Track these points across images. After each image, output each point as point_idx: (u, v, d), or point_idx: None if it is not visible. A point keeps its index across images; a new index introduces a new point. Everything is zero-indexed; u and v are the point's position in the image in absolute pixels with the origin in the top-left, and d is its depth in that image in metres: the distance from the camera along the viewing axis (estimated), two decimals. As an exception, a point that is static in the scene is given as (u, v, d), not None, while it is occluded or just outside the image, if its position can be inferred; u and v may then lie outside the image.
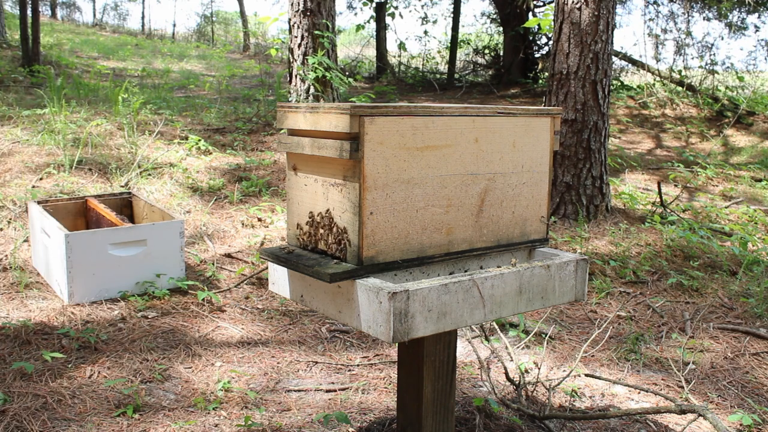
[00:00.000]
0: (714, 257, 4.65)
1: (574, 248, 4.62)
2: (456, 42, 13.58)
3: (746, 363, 3.20)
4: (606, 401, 2.81)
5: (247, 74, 11.74)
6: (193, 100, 9.02)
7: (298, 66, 7.43)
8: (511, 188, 1.86)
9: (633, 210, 5.76)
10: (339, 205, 1.61)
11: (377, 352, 3.18)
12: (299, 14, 7.38)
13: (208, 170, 5.89)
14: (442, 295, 1.53)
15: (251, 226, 4.84)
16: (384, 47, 14.39)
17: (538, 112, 1.89)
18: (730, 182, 7.43)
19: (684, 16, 12.53)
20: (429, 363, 1.88)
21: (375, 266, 1.59)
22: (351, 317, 1.57)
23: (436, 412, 1.93)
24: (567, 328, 3.58)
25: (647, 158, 8.35)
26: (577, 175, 5.36)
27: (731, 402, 2.83)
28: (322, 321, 3.49)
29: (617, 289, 4.12)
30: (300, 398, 2.70)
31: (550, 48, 5.83)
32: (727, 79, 11.94)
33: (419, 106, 1.64)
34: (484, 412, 2.53)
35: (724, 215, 6.03)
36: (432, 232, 1.71)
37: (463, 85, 12.66)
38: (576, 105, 5.31)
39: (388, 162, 1.58)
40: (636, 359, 3.20)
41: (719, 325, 3.65)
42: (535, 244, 1.96)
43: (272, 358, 3.05)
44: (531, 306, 1.75)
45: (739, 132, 9.84)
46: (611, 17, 5.30)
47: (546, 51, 12.83)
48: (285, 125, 1.72)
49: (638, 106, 10.64)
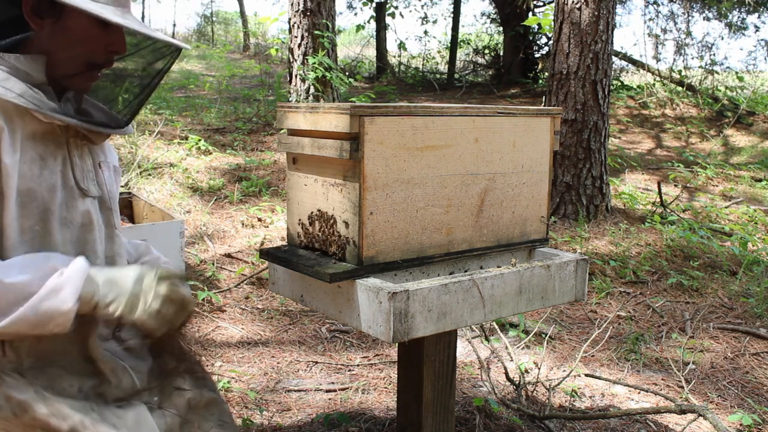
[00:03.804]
0: (714, 257, 4.65)
1: (574, 248, 4.62)
2: (456, 42, 13.57)
3: (746, 363, 3.20)
4: (606, 401, 2.81)
5: (247, 74, 11.73)
6: (193, 100, 9.02)
7: (298, 66, 7.43)
8: (511, 188, 1.86)
9: (633, 210, 5.76)
10: (339, 205, 1.61)
11: (377, 352, 3.18)
12: (299, 14, 7.38)
13: (208, 170, 5.89)
14: (442, 295, 1.53)
15: (251, 226, 4.84)
16: (384, 47, 14.39)
17: (538, 112, 1.89)
18: (730, 182, 7.42)
19: (684, 16, 12.53)
20: (429, 363, 1.88)
21: (375, 266, 1.59)
22: (351, 317, 1.57)
23: (436, 412, 1.93)
24: (567, 328, 3.58)
25: (647, 158, 8.35)
26: (577, 175, 5.36)
27: (731, 402, 2.83)
28: (322, 321, 3.49)
29: (617, 289, 4.12)
30: (300, 398, 2.70)
31: (550, 48, 5.83)
32: (727, 79, 11.93)
33: (419, 106, 1.64)
34: (484, 412, 2.53)
35: (724, 215, 6.03)
36: (432, 232, 1.71)
37: (463, 85, 12.66)
38: (576, 105, 5.31)
39: (388, 162, 1.58)
40: (636, 359, 3.20)
41: (719, 325, 3.65)
42: (535, 244, 1.96)
43: (272, 358, 3.05)
44: (531, 306, 1.75)
45: (739, 132, 9.84)
46: (611, 17, 5.30)
47: (546, 51, 12.82)
48: (285, 125, 1.72)
49: (638, 106, 10.63)
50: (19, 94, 1.21)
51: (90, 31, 1.29)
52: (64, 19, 1.27)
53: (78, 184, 1.34)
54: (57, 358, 1.29)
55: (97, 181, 1.40)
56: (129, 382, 1.35)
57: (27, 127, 1.25)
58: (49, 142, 1.29)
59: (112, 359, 1.34)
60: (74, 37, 1.29)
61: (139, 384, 1.37)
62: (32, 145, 1.25)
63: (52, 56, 1.28)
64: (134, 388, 1.35)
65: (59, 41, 1.28)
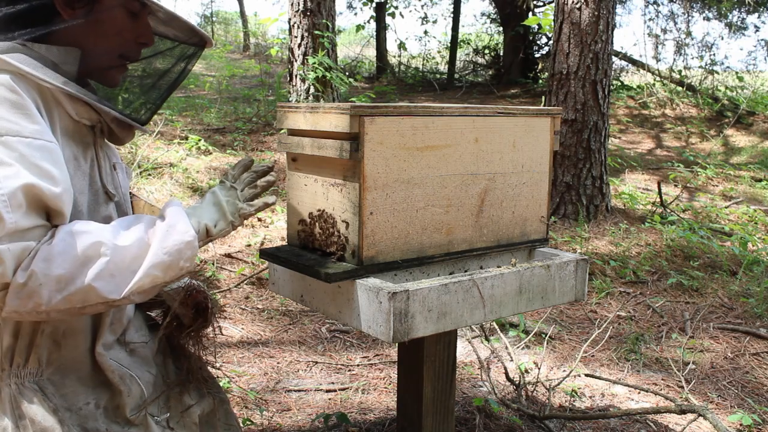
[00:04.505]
0: (714, 257, 4.65)
1: (574, 248, 4.62)
2: (456, 42, 13.57)
3: (746, 363, 3.20)
4: (606, 401, 2.81)
5: (247, 74, 11.73)
6: (193, 100, 9.02)
7: (299, 66, 7.43)
8: (511, 188, 1.86)
9: (633, 210, 5.76)
10: (339, 205, 1.61)
11: (377, 352, 3.18)
12: (299, 14, 7.38)
13: (208, 170, 5.89)
14: (442, 295, 1.53)
15: (251, 226, 4.84)
16: (384, 47, 14.39)
17: (538, 112, 1.88)
18: (730, 182, 7.42)
19: (684, 16, 12.53)
20: (429, 363, 1.88)
21: (375, 266, 1.59)
22: (351, 317, 1.57)
23: (436, 412, 1.93)
24: (567, 328, 3.58)
25: (647, 158, 8.35)
26: (577, 175, 5.35)
27: (731, 402, 2.82)
28: (322, 321, 3.49)
29: (617, 289, 4.12)
30: (300, 398, 2.70)
31: (550, 48, 5.83)
32: (727, 79, 11.93)
33: (419, 106, 1.64)
34: (484, 412, 2.53)
35: (724, 215, 6.03)
36: (432, 232, 1.70)
37: (463, 85, 12.66)
38: (576, 105, 5.31)
39: (388, 162, 1.58)
40: (636, 359, 3.20)
41: (719, 325, 3.65)
42: (535, 244, 1.96)
43: (272, 358, 3.05)
44: (531, 306, 1.75)
45: (739, 132, 9.84)
46: (611, 17, 5.30)
47: (546, 51, 12.82)
48: (285, 125, 1.72)
49: (638, 106, 10.63)
50: (62, 84, 1.17)
51: (123, 22, 1.26)
52: (96, 11, 1.23)
53: (105, 187, 1.31)
54: (72, 367, 1.28)
55: (114, 183, 1.36)
56: (138, 390, 1.34)
57: (61, 123, 1.21)
58: (78, 141, 1.25)
59: (119, 368, 1.33)
60: (107, 28, 1.25)
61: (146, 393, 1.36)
62: (66, 142, 1.21)
63: (86, 48, 1.24)
64: (142, 397, 1.35)
65: (93, 33, 1.24)
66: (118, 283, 1.09)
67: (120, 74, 1.33)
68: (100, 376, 1.31)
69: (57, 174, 1.09)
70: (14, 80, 1.10)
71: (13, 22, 1.17)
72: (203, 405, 1.48)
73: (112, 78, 1.32)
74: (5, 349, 1.22)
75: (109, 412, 1.30)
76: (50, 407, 1.23)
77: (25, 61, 1.14)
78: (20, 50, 1.15)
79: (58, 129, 1.19)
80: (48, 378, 1.25)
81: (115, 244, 1.09)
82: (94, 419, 1.28)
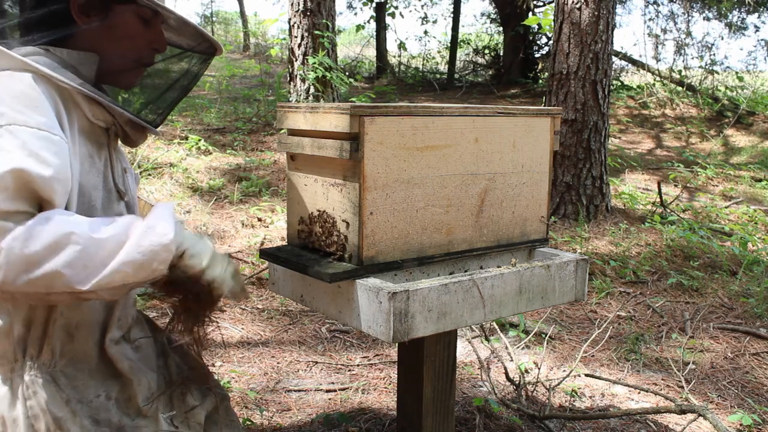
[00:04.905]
0: (714, 257, 4.65)
1: (574, 248, 4.62)
2: (456, 42, 13.57)
3: (746, 363, 3.20)
4: (606, 401, 2.81)
5: (247, 74, 11.73)
6: (193, 100, 9.02)
7: (299, 66, 7.43)
8: (511, 188, 1.86)
9: (633, 210, 5.76)
10: (339, 205, 1.61)
11: (377, 352, 3.18)
12: (299, 14, 7.38)
13: (208, 170, 5.89)
14: (442, 295, 1.53)
15: (251, 226, 4.84)
16: (384, 47, 14.39)
17: (538, 112, 1.89)
18: (730, 182, 7.42)
19: (684, 16, 12.53)
20: (429, 363, 1.88)
21: (375, 266, 1.59)
22: (351, 317, 1.57)
23: (436, 412, 1.93)
24: (567, 328, 3.58)
25: (647, 158, 8.35)
26: (577, 175, 5.35)
27: (731, 402, 2.82)
28: (322, 321, 3.49)
29: (617, 289, 4.12)
30: (300, 398, 2.70)
31: (550, 48, 5.83)
32: (727, 79, 11.93)
33: (419, 106, 1.64)
34: (484, 412, 2.53)
35: (724, 215, 6.03)
36: (432, 232, 1.70)
37: (463, 85, 12.66)
38: (576, 105, 5.31)
39: (388, 162, 1.58)
40: (636, 359, 3.20)
41: (719, 325, 3.65)
42: (535, 244, 1.96)
43: (272, 358, 3.05)
44: (531, 306, 1.75)
45: (739, 132, 9.84)
46: (611, 17, 5.30)
47: (546, 51, 12.82)
48: (285, 125, 1.72)
49: (638, 106, 10.63)
50: (79, 85, 1.23)
51: (135, 28, 1.33)
52: (111, 17, 1.30)
53: (117, 186, 1.36)
54: (83, 360, 1.30)
55: (124, 185, 1.41)
56: (146, 381, 1.37)
57: (79, 123, 1.26)
58: (93, 142, 1.30)
59: (128, 359, 1.36)
60: (121, 34, 1.31)
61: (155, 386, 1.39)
62: (82, 141, 1.26)
63: (102, 53, 1.31)
64: (150, 389, 1.37)
65: (107, 39, 1.31)
66: (87, 274, 1.08)
67: (136, 77, 1.39)
68: (109, 368, 1.33)
69: (54, 163, 1.10)
70: (35, 80, 1.16)
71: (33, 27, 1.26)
72: (207, 405, 1.49)
73: (128, 80, 1.38)
74: (17, 339, 1.24)
75: (120, 403, 1.33)
76: (63, 398, 1.25)
77: (45, 63, 1.21)
78: (42, 54, 1.23)
79: (75, 128, 1.24)
80: (61, 370, 1.27)
81: (90, 235, 1.08)
82: (106, 410, 1.30)
